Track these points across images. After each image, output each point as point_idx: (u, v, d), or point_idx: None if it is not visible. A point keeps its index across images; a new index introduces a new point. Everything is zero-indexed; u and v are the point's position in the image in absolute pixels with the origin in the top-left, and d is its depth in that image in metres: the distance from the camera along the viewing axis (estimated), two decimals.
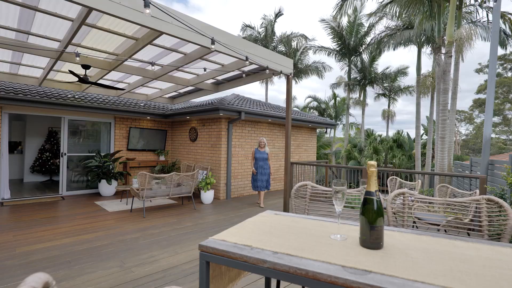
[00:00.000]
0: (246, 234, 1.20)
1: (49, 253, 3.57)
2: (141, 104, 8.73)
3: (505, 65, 32.19)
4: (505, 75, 32.18)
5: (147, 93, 8.60)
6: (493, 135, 36.35)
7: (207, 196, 6.77)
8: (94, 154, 7.84)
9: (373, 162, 1.05)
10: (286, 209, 5.88)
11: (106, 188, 7.44)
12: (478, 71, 32.59)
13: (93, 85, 7.14)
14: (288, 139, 5.91)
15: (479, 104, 34.08)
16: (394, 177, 5.46)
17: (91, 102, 7.42)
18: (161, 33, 3.91)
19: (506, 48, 10.94)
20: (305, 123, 9.67)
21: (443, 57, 6.95)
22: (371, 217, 1.05)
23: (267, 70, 4.83)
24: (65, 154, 7.57)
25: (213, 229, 4.71)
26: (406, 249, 1.06)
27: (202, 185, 6.65)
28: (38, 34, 4.36)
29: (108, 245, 3.89)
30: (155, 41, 4.65)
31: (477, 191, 3.83)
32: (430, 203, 1.78)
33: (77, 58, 3.85)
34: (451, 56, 6.76)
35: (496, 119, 34.41)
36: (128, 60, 5.32)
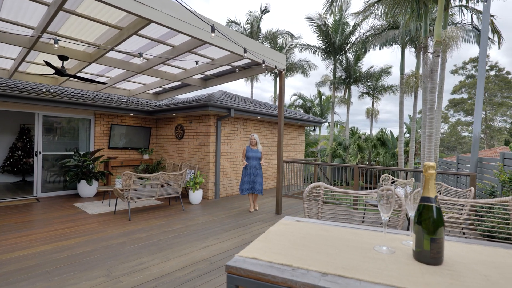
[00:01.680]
0: (278, 249, 1.01)
1: (24, 262, 3.21)
2: (123, 100, 8.27)
3: (477, 67, 33.86)
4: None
5: (129, 88, 8.16)
6: (466, 134, 38.31)
7: (196, 196, 6.50)
8: (73, 152, 7.33)
9: (432, 163, 0.90)
10: (278, 209, 5.74)
11: (86, 189, 6.97)
12: (454, 72, 34.06)
13: (71, 79, 6.66)
14: (280, 136, 5.76)
15: (454, 104, 35.69)
16: (387, 175, 5.46)
17: (69, 97, 6.90)
18: (150, 21, 3.62)
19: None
20: (294, 120, 9.57)
21: (431, 56, 7.05)
22: (432, 228, 0.89)
23: (264, 64, 4.63)
24: (39, 152, 7.01)
25: (205, 231, 4.47)
26: (470, 263, 0.92)
27: (191, 185, 6.37)
28: (8, 19, 3.92)
29: (91, 251, 3.56)
30: (141, 31, 4.32)
31: (472, 189, 3.84)
32: (454, 204, 1.67)
33: (56, 45, 3.47)
34: (439, 55, 6.87)
35: (469, 119, 36.23)
36: (111, 51, 4.95)
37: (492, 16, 8.74)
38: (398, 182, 5.45)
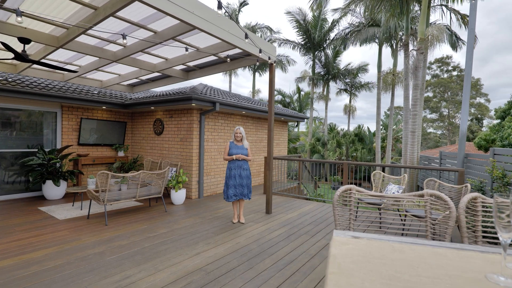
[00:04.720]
0: (369, 286, 0.73)
1: None
2: (95, 92, 7.52)
3: (442, 67, 36.07)
4: (442, 76, 36.07)
5: (102, 78, 7.43)
6: (431, 130, 40.70)
7: (179, 196, 6.06)
8: (36, 150, 6.53)
9: None
10: (268, 208, 5.49)
11: (53, 190, 6.24)
12: None
13: (34, 65, 5.88)
14: (271, 132, 5.50)
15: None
16: (378, 171, 5.41)
17: (31, 86, 6.10)
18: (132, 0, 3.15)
19: (456, 50, 11.90)
20: (278, 116, 9.36)
21: (415, 53, 7.13)
22: None
23: (260, 54, 4.32)
24: None
25: (194, 236, 4.11)
26: None
27: (173, 184, 5.92)
28: None
29: (64, 265, 3.07)
30: (120, 12, 3.81)
31: (468, 185, 3.86)
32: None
33: (18, 18, 2.88)
34: (422, 53, 6.97)
35: (433, 116, 38.49)
36: (82, 35, 4.35)
37: (467, 16, 9.11)
38: (389, 178, 5.42)
